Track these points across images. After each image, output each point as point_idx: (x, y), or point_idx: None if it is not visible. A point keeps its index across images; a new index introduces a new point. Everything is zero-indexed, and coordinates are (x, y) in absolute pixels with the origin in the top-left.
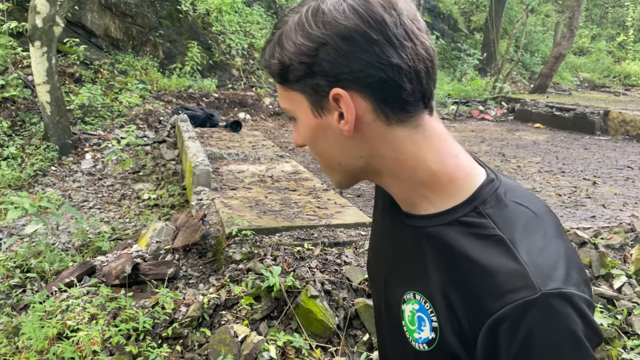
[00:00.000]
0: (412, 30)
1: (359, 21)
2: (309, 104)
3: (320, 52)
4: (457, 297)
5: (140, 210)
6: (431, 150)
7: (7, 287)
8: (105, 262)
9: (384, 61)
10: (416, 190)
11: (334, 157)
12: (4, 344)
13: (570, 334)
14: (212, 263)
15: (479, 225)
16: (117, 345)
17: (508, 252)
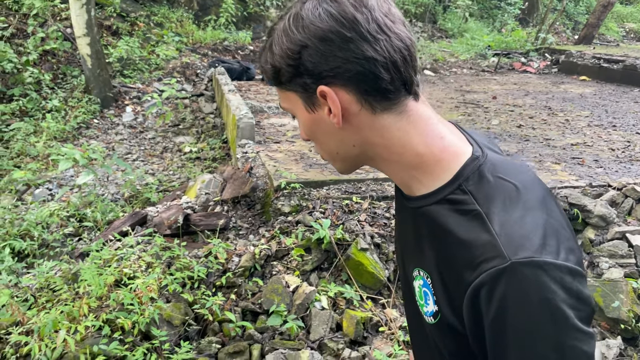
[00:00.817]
0: (385, 23)
1: (333, 22)
2: (302, 101)
3: (303, 54)
4: (446, 271)
5: (182, 163)
6: (417, 134)
7: (62, 235)
8: (156, 213)
9: (359, 55)
10: (407, 172)
11: (331, 148)
12: (64, 290)
13: (546, 302)
14: (261, 215)
15: (461, 201)
16: (173, 293)
17: (483, 226)
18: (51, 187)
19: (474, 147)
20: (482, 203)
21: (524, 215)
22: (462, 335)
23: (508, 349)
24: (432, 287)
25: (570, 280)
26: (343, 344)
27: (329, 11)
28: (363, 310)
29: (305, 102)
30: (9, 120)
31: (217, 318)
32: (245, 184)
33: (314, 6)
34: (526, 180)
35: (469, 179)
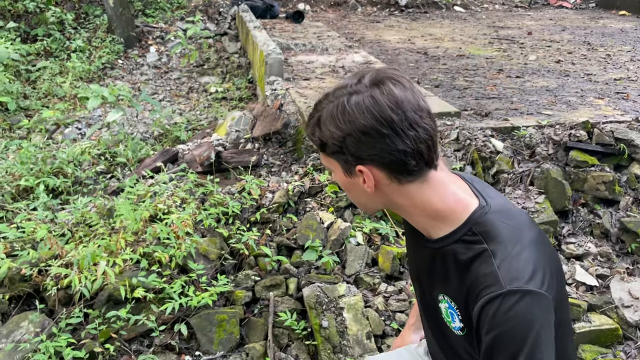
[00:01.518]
0: (415, 120)
1: (373, 121)
2: (341, 168)
3: (347, 140)
4: (466, 295)
5: (209, 103)
6: (435, 195)
7: (94, 173)
8: (187, 151)
9: (392, 148)
10: (427, 222)
11: (361, 202)
12: (101, 225)
13: (527, 322)
14: (293, 152)
15: (473, 241)
16: (208, 228)
17: (489, 260)
18: (80, 126)
19: (480, 199)
20: (489, 242)
21: (520, 253)
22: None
23: (492, 354)
24: (456, 308)
25: (541, 304)
26: (379, 279)
27: (371, 111)
28: (398, 246)
29: (344, 169)
30: (35, 61)
31: (252, 253)
32: (277, 120)
33: (358, 102)
34: (523, 223)
35: (477, 223)
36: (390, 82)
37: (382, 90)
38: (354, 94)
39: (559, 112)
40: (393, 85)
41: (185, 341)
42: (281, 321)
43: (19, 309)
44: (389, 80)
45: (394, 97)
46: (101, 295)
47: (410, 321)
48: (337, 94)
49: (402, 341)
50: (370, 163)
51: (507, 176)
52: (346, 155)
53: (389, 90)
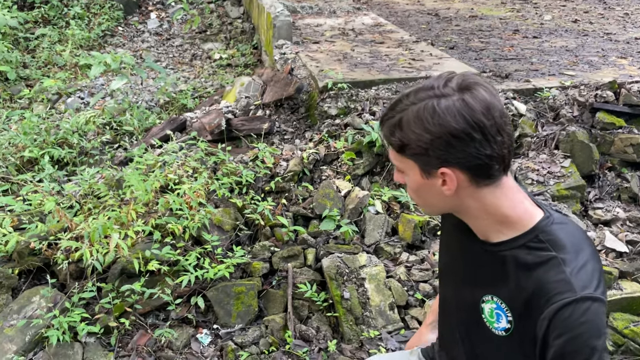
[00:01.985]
0: (502, 126)
1: (465, 124)
2: (419, 169)
3: (435, 142)
4: (527, 298)
5: (213, 70)
6: (506, 200)
7: (99, 143)
8: (195, 119)
9: (481, 153)
10: (492, 226)
11: (432, 203)
12: (110, 196)
13: (597, 327)
14: (306, 119)
15: (539, 248)
16: (222, 198)
17: (558, 268)
18: (83, 95)
19: (544, 210)
20: (557, 251)
21: (586, 263)
22: (528, 343)
23: (566, 355)
24: (507, 310)
25: (604, 309)
26: (400, 248)
27: (463, 114)
28: (419, 214)
29: (423, 171)
30: (32, 29)
31: (268, 223)
32: (289, 85)
33: (449, 106)
34: (581, 235)
35: (544, 232)
36: (480, 87)
37: (473, 95)
38: (442, 97)
39: (581, 72)
40: (484, 91)
41: (202, 314)
42: (301, 293)
43: (30, 283)
44: (479, 86)
45: (485, 102)
46: (114, 268)
47: (428, 319)
48: (421, 96)
49: (418, 339)
50: (455, 166)
51: (530, 140)
52: (430, 158)
53: (480, 95)
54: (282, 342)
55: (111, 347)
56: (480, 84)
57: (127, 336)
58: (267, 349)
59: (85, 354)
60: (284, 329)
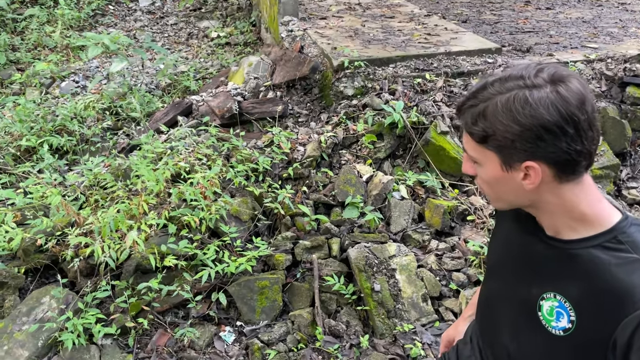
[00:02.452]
0: (593, 120)
1: (559, 117)
2: (499, 161)
3: (524, 134)
4: (602, 300)
5: (211, 49)
6: (585, 198)
7: (100, 130)
8: (201, 102)
9: (572, 148)
10: (566, 223)
11: (508, 197)
12: (118, 187)
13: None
14: (320, 100)
15: (619, 249)
16: (238, 187)
17: (637, 265)
18: (77, 79)
19: (621, 212)
20: (637, 251)
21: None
22: (593, 344)
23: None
24: (570, 309)
25: None
26: (429, 235)
27: (557, 107)
28: (446, 198)
29: (504, 163)
30: (20, 10)
31: (288, 212)
32: (302, 64)
33: (543, 97)
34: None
35: (624, 233)
36: (574, 79)
37: (567, 87)
38: (534, 87)
39: (603, 44)
40: (578, 83)
41: (224, 311)
42: (328, 286)
43: (37, 282)
44: (573, 78)
45: (580, 95)
46: (128, 265)
47: (466, 312)
48: (510, 86)
49: (455, 331)
50: (542, 160)
51: None
52: (516, 150)
53: (574, 87)
54: (311, 339)
55: (129, 349)
56: (573, 77)
57: (146, 336)
58: (296, 346)
59: (102, 357)
60: (312, 325)
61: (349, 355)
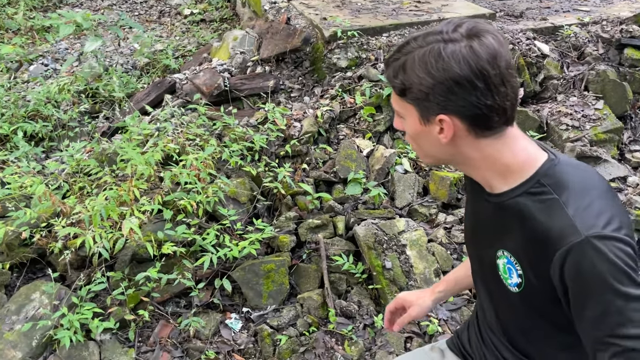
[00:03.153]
0: (507, 77)
1: (469, 71)
2: (418, 115)
3: (436, 87)
4: (532, 247)
5: (186, 27)
6: (507, 150)
7: (77, 114)
8: (184, 80)
9: (481, 102)
10: (494, 176)
11: (430, 152)
12: (104, 173)
13: (612, 263)
14: (312, 73)
15: (541, 192)
16: (233, 167)
17: (561, 211)
18: (47, 62)
19: (549, 153)
20: (559, 193)
21: (592, 202)
22: (544, 293)
23: (585, 296)
24: (516, 263)
25: (625, 247)
26: (436, 208)
27: (468, 61)
28: (450, 170)
29: (421, 117)
30: None
31: (289, 191)
32: (292, 36)
33: (455, 51)
34: (592, 173)
35: (546, 175)
36: (489, 35)
37: (481, 42)
38: (449, 41)
39: (595, 7)
40: (492, 39)
41: (228, 297)
42: (337, 266)
43: (24, 278)
44: (488, 34)
45: (492, 51)
46: (123, 255)
47: (437, 287)
48: (429, 40)
49: (413, 299)
50: (454, 113)
51: (557, 82)
52: (430, 103)
53: (488, 42)
54: (322, 321)
55: (130, 343)
56: (490, 32)
57: (147, 329)
58: (307, 330)
59: (102, 353)
60: (323, 307)
61: (363, 336)
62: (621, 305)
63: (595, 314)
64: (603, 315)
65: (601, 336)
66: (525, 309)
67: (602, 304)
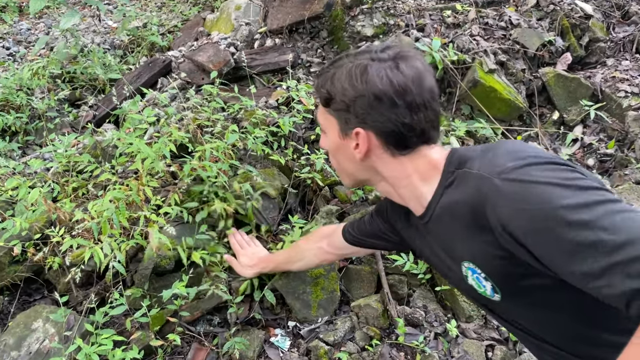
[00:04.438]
0: (428, 101)
1: (390, 88)
2: (338, 127)
3: (358, 100)
4: (474, 234)
5: (161, 1)
6: (424, 160)
7: (55, 102)
8: (181, 58)
9: (399, 120)
10: (416, 188)
11: (345, 168)
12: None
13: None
14: (331, 44)
15: (453, 179)
16: (257, 156)
17: (469, 175)
18: (8, 44)
19: (450, 152)
20: (463, 166)
21: (494, 155)
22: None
23: (547, 235)
24: (477, 269)
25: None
26: None
27: (391, 78)
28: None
29: (341, 130)
30: None
31: (325, 182)
32: (310, 2)
33: (381, 68)
34: (497, 144)
35: (450, 163)
36: (416, 59)
37: (407, 64)
38: (377, 60)
39: None
40: (419, 63)
41: (270, 311)
42: (395, 267)
43: (18, 302)
44: (415, 58)
45: (417, 73)
46: (144, 268)
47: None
48: (360, 57)
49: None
50: (371, 129)
51: (604, 45)
52: (350, 115)
53: (415, 64)
54: (384, 332)
55: None
56: (417, 58)
57: (178, 355)
58: (368, 344)
59: None
60: (383, 315)
61: (436, 347)
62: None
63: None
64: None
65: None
66: (527, 309)
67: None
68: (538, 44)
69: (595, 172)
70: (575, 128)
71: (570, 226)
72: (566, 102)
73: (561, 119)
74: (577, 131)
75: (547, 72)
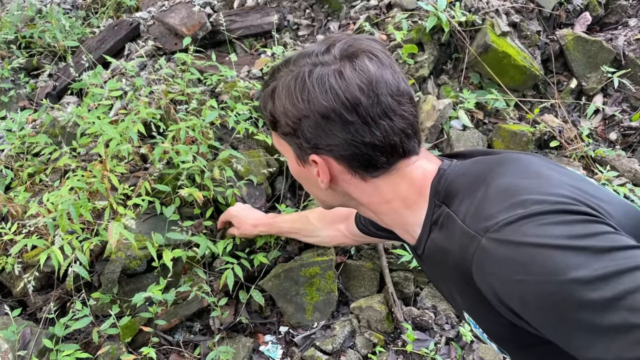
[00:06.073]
0: (390, 106)
1: (336, 102)
2: (294, 154)
3: (303, 122)
4: (468, 294)
5: None
6: (406, 180)
7: (9, 71)
8: (150, 20)
9: (357, 140)
10: (403, 216)
11: (318, 196)
12: (66, 152)
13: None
14: (321, 4)
15: (439, 215)
16: (243, 136)
17: (454, 223)
18: None
19: (442, 162)
20: (449, 203)
21: (485, 196)
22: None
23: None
24: (479, 327)
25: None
26: None
27: (335, 89)
28: (516, 122)
29: (297, 157)
30: None
31: None
32: None
33: (322, 77)
34: (493, 161)
35: (437, 191)
36: (365, 56)
37: (353, 66)
38: (318, 65)
39: None
40: (369, 61)
41: (258, 314)
42: (400, 263)
43: None
44: (365, 54)
45: (367, 76)
46: (111, 271)
47: (260, 227)
48: (300, 63)
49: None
50: (327, 154)
51: (625, 3)
52: (300, 140)
53: (362, 66)
54: (389, 337)
55: None
56: (368, 52)
57: None
58: (371, 352)
59: None
60: (388, 318)
61: (448, 354)
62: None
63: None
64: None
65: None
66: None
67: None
68: (554, 2)
69: (618, 148)
70: (595, 97)
71: (584, 308)
72: (585, 69)
73: (579, 87)
74: (598, 101)
75: (566, 34)
